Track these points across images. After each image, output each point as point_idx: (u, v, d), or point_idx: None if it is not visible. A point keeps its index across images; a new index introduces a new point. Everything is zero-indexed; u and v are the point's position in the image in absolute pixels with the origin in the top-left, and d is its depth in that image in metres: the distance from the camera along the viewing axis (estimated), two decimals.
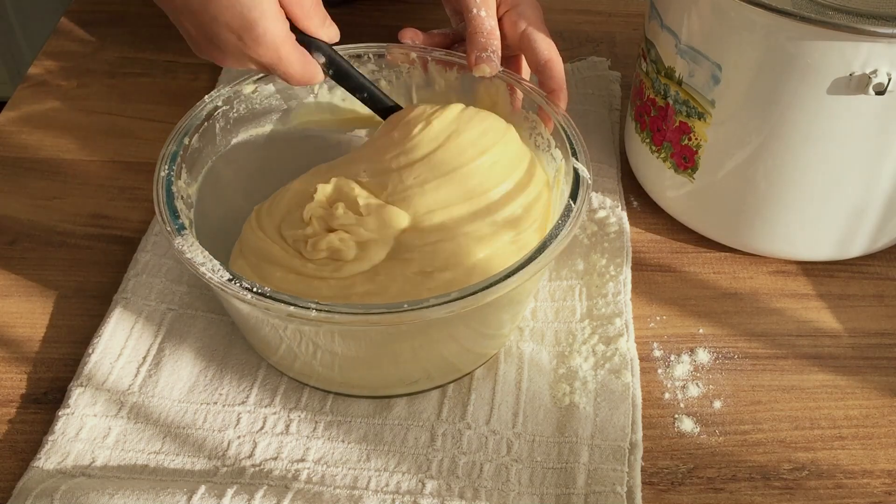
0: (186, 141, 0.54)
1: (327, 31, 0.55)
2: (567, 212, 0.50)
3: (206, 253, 0.47)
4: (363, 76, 0.57)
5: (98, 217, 0.66)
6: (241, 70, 0.55)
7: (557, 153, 0.56)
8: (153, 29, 0.84)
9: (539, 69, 0.59)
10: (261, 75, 0.58)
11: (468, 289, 0.45)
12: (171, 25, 0.54)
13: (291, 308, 0.45)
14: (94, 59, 0.81)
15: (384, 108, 0.59)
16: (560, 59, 0.59)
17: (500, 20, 0.60)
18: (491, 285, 0.46)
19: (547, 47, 0.59)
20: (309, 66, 0.54)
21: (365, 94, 0.58)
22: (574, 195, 0.51)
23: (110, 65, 0.81)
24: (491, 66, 0.57)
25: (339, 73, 0.57)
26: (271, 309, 0.45)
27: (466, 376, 0.55)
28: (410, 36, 0.61)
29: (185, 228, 0.48)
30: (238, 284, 0.45)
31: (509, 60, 0.63)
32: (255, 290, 0.45)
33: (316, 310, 0.44)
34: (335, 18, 0.55)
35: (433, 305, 0.45)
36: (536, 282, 0.54)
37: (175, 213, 0.49)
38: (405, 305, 0.45)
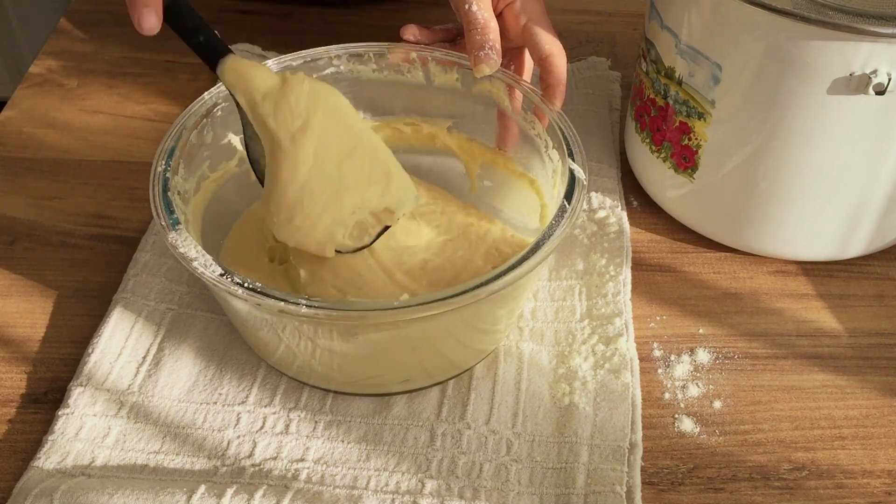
0: (185, 137, 0.54)
1: None
2: (561, 212, 0.50)
3: (200, 248, 0.47)
4: (201, 17, 0.50)
5: (98, 217, 0.66)
6: None
7: (554, 154, 0.56)
8: None
9: (540, 64, 0.59)
10: None
11: (461, 287, 0.45)
12: None
13: (282, 304, 0.45)
14: (94, 59, 0.81)
15: (218, 55, 0.51)
16: (562, 53, 0.58)
17: (501, 14, 0.60)
18: (484, 283, 0.46)
19: (548, 42, 0.58)
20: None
21: (201, 39, 0.50)
22: (569, 196, 0.51)
23: (110, 65, 0.81)
24: (490, 63, 0.57)
25: (176, 11, 0.49)
26: (262, 304, 0.45)
27: (466, 374, 0.55)
28: (412, 32, 0.61)
29: (180, 223, 0.48)
30: (230, 279, 0.45)
31: (513, 52, 0.62)
32: (245, 285, 0.45)
33: (306, 306, 0.44)
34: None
35: (425, 303, 0.45)
36: (532, 279, 0.54)
37: (170, 208, 0.49)
38: (396, 303, 0.45)
